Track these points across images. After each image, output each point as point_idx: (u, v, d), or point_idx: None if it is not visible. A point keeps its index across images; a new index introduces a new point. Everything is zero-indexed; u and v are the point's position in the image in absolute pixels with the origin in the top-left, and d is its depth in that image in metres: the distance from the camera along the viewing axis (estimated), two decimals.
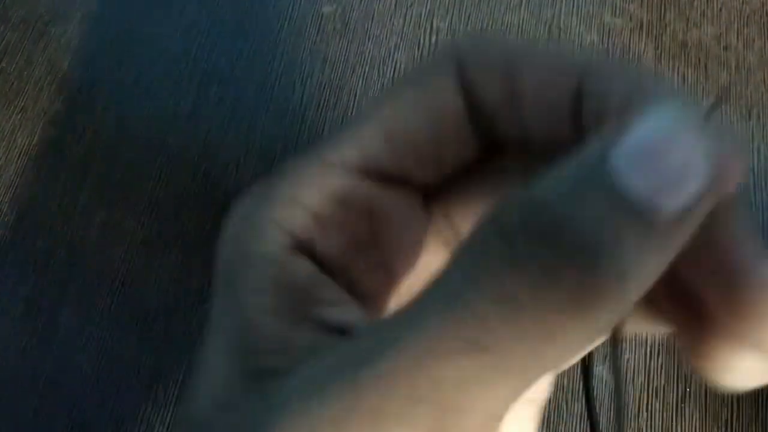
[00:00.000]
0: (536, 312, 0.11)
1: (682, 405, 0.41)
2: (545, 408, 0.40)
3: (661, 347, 0.42)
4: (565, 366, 0.13)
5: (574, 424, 0.40)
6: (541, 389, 0.17)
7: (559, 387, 0.41)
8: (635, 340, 0.42)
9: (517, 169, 0.16)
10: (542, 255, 0.11)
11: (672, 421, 0.41)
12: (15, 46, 0.49)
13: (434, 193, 0.17)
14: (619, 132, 0.12)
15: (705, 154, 0.11)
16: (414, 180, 0.17)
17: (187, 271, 0.43)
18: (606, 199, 0.11)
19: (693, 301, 0.14)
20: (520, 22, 0.50)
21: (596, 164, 0.11)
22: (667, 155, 0.11)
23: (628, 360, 0.42)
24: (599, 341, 0.15)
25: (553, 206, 0.11)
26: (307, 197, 0.16)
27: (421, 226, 0.17)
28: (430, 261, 0.17)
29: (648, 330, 0.14)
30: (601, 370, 0.41)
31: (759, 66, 0.49)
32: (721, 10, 0.51)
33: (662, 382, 0.41)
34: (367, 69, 0.48)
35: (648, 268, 0.11)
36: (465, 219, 0.17)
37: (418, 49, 0.49)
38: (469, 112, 0.16)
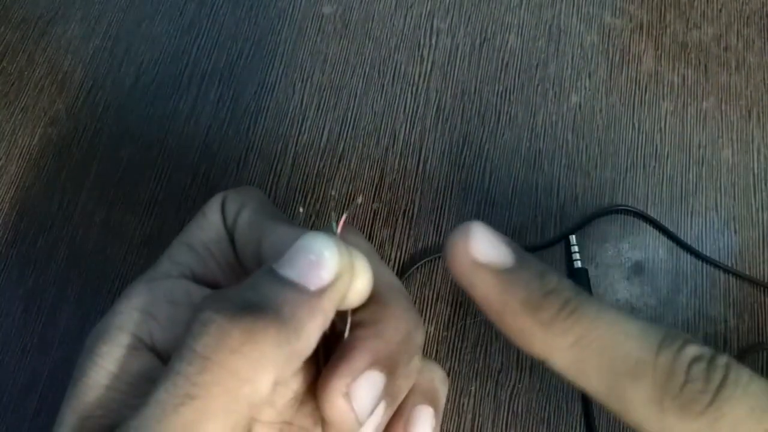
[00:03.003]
0: (222, 360, 0.17)
1: None
2: (546, 407, 0.41)
3: None
4: (265, 401, 0.19)
5: (574, 424, 0.40)
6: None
7: (559, 387, 0.41)
8: None
9: None
10: (218, 320, 0.18)
11: None
12: (16, 47, 0.49)
13: None
14: (280, 255, 0.20)
15: (332, 256, 0.20)
16: (225, 284, 0.25)
17: None
18: (273, 281, 0.19)
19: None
20: (520, 22, 0.50)
21: (267, 268, 0.20)
22: (308, 257, 0.20)
23: None
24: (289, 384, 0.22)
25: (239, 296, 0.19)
26: (140, 303, 0.23)
27: None
28: None
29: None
30: None
31: (759, 66, 0.49)
32: (721, 10, 0.51)
33: None
34: (367, 69, 0.48)
35: (305, 322, 0.19)
36: None
37: (418, 49, 0.49)
38: (229, 237, 0.25)
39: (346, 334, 0.21)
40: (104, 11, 0.50)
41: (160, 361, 0.22)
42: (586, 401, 0.40)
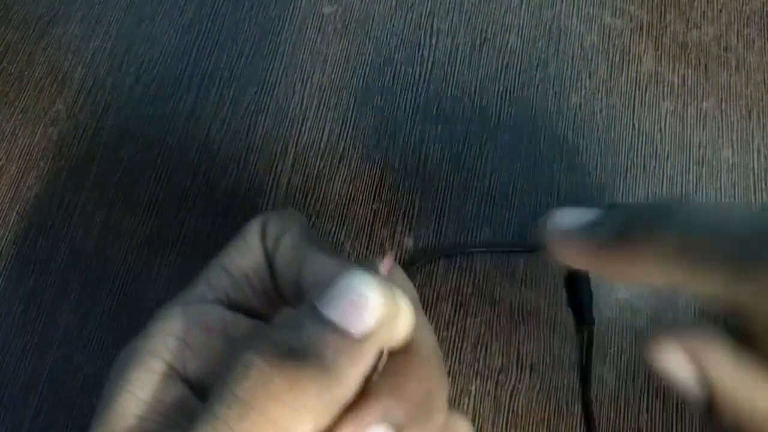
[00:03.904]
0: (262, 407, 0.17)
1: (682, 405, 0.41)
2: (546, 407, 0.40)
3: None
4: None
5: (574, 424, 0.40)
6: None
7: (559, 387, 0.41)
8: (635, 340, 0.42)
9: None
10: (261, 365, 0.18)
11: (672, 421, 0.41)
12: (16, 47, 0.49)
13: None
14: (323, 291, 0.19)
15: (376, 298, 0.19)
16: (260, 311, 0.24)
17: (187, 271, 0.42)
18: (316, 323, 0.19)
19: None
20: (520, 23, 0.50)
21: (310, 306, 0.19)
22: (351, 297, 0.19)
23: (628, 360, 0.42)
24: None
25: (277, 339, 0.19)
26: (174, 329, 0.22)
27: None
28: None
29: None
30: (601, 371, 0.41)
31: (759, 66, 0.49)
32: (721, 10, 0.51)
33: (662, 382, 0.41)
34: (367, 70, 0.48)
35: (346, 369, 0.18)
36: None
37: (419, 50, 0.49)
38: (268, 263, 0.24)
39: (375, 376, 0.20)
40: (104, 11, 0.50)
41: (191, 391, 0.21)
42: (587, 401, 0.40)
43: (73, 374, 0.41)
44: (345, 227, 0.44)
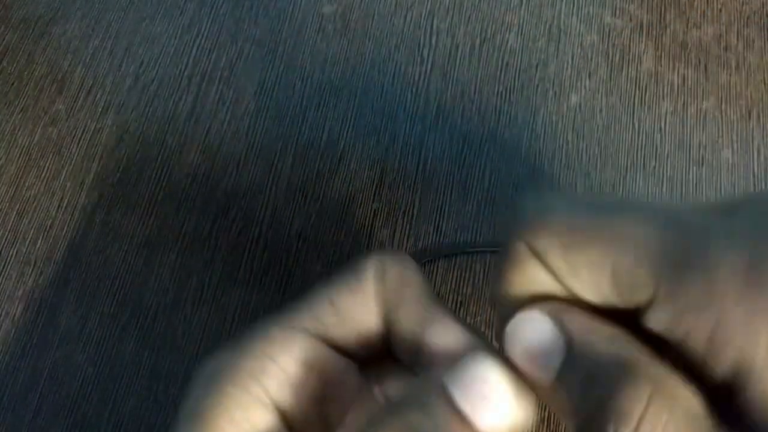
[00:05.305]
0: None
1: None
2: (546, 407, 0.40)
3: None
4: None
5: None
6: None
7: None
8: None
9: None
10: None
11: None
12: (15, 46, 0.49)
13: (369, 363, 0.25)
14: (451, 368, 0.19)
15: (512, 401, 0.19)
16: (355, 352, 0.24)
17: (187, 271, 0.43)
18: (446, 409, 0.18)
19: None
20: (520, 22, 0.50)
21: (439, 385, 0.19)
22: (485, 392, 0.19)
23: None
24: None
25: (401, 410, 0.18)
26: (275, 353, 0.21)
27: (356, 387, 0.23)
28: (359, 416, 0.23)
29: None
30: None
31: (759, 66, 0.49)
32: (721, 10, 0.51)
33: None
34: (367, 69, 0.48)
35: None
36: (390, 388, 0.24)
37: (419, 49, 0.49)
38: (383, 313, 0.23)
39: None
40: (104, 11, 0.50)
41: (275, 420, 0.21)
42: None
43: (73, 374, 0.41)
44: (345, 227, 0.44)
